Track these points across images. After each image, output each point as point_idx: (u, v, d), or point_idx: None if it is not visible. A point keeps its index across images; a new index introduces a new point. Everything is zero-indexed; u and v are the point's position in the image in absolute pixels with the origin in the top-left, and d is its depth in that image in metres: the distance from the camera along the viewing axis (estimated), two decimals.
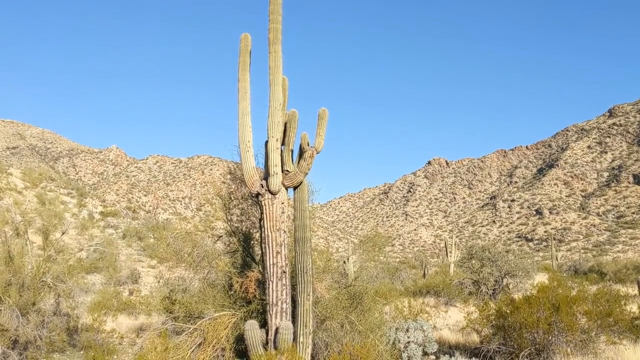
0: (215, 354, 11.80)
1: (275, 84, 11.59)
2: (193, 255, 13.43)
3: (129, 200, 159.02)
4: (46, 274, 13.57)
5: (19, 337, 12.07)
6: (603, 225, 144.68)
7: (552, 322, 12.12)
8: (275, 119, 11.55)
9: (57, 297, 14.23)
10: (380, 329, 12.48)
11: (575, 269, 55.90)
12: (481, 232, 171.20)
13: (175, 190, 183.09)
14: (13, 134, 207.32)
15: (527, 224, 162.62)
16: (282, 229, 11.52)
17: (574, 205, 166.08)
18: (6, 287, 12.35)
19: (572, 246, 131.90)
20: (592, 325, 12.57)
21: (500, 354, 12.65)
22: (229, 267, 13.51)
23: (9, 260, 13.25)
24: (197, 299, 13.32)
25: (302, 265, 11.38)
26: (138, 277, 41.90)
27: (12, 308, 11.99)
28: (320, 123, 11.65)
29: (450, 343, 16.12)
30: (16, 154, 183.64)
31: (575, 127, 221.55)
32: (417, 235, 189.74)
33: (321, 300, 12.46)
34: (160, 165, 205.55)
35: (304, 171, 11.60)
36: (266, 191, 11.53)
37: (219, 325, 12.06)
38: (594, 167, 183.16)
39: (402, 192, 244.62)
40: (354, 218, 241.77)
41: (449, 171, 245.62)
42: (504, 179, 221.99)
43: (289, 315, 11.31)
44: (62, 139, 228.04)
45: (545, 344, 12.10)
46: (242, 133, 11.88)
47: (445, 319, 19.30)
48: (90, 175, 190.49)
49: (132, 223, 64.09)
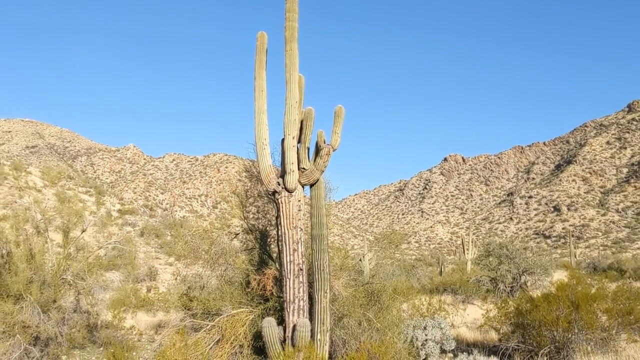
0: (233, 350, 11.86)
1: (291, 82, 11.59)
2: (211, 252, 13.50)
3: (146, 198, 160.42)
4: (66, 271, 13.73)
5: (40, 333, 12.24)
6: (622, 221, 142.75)
7: (572, 320, 11.99)
8: (292, 116, 11.55)
9: (77, 294, 14.39)
10: (398, 326, 12.45)
11: (594, 266, 55.27)
12: (498, 229, 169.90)
13: (192, 188, 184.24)
14: (32, 133, 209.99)
15: (545, 221, 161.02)
16: (298, 226, 11.53)
17: (592, 201, 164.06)
18: (28, 285, 12.52)
19: (590, 243, 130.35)
20: (613, 323, 12.42)
21: (519, 352, 12.55)
22: (246, 264, 13.57)
23: (30, 258, 13.43)
24: (214, 296, 13.39)
25: (319, 263, 11.39)
26: (155, 275, 42.28)
27: (34, 305, 12.15)
28: (336, 120, 11.63)
29: (468, 341, 16.03)
30: (35, 153, 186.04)
31: (593, 123, 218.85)
32: (433, 232, 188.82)
33: (338, 298, 12.47)
34: (177, 163, 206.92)
35: (320, 169, 11.60)
36: (283, 189, 11.55)
37: (237, 322, 12.12)
38: (612, 163, 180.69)
39: (418, 189, 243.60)
40: (369, 215, 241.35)
41: (466, 168, 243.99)
42: (521, 176, 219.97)
43: (306, 312, 11.33)
44: (80, 138, 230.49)
45: (565, 342, 11.98)
46: (259, 131, 11.90)
47: (464, 317, 19.20)
48: (108, 173, 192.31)
49: (150, 221, 64.67)
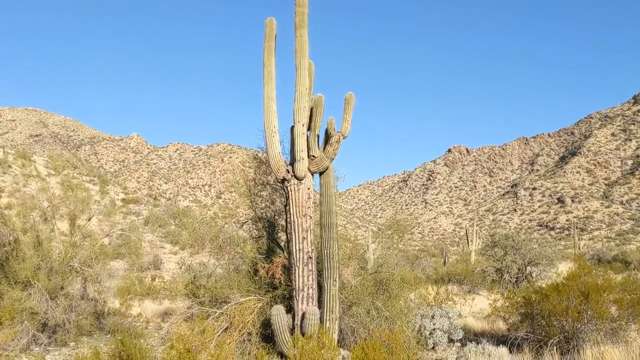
0: (242, 338, 11.84)
1: (301, 69, 11.48)
2: (219, 240, 13.46)
3: (150, 187, 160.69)
4: (73, 258, 13.70)
5: (49, 320, 12.23)
6: (627, 213, 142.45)
7: (582, 310, 11.92)
8: (302, 103, 11.45)
9: (84, 281, 14.39)
10: (406, 315, 12.41)
11: (599, 258, 55.11)
12: (502, 221, 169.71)
13: (195, 178, 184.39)
14: (36, 122, 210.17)
15: (549, 213, 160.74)
16: (308, 214, 11.47)
17: (596, 193, 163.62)
18: (35, 271, 12.50)
19: (594, 235, 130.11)
20: (623, 314, 12.34)
21: (528, 342, 12.48)
22: (254, 252, 13.54)
23: (37, 245, 13.41)
24: (222, 284, 13.37)
25: (329, 251, 11.34)
26: (160, 263, 42.37)
27: (42, 292, 12.14)
28: (346, 107, 11.53)
29: (476, 330, 15.99)
30: (39, 142, 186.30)
31: (598, 114, 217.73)
32: (436, 223, 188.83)
33: (347, 286, 12.43)
34: (181, 153, 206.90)
35: (330, 156, 11.52)
36: (292, 177, 11.47)
37: (245, 310, 12.10)
38: (617, 155, 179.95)
39: (421, 180, 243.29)
40: (372, 206, 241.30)
41: (470, 159, 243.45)
42: (526, 167, 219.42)
43: (315, 300, 11.30)
44: (83, 127, 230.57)
45: (575, 332, 11.91)
46: (268, 118, 11.81)
47: (471, 307, 19.15)
48: (111, 162, 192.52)
49: (154, 210, 64.72)
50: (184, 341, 5.53)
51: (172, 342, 5.55)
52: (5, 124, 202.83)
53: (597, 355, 11.27)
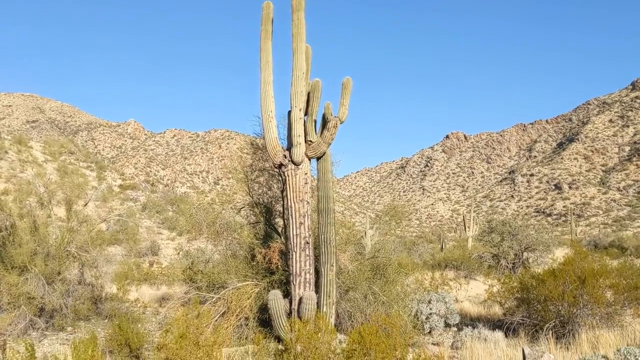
0: (239, 322, 11.88)
1: (298, 52, 11.39)
2: (216, 225, 13.45)
3: (147, 173, 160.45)
4: (70, 243, 13.70)
5: (45, 305, 12.25)
6: (623, 200, 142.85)
7: (578, 294, 11.97)
8: (299, 88, 11.38)
9: (81, 266, 14.39)
10: (403, 300, 12.45)
11: (595, 243, 55.41)
12: (499, 207, 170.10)
13: (193, 164, 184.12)
14: (33, 108, 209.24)
15: (546, 199, 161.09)
16: (305, 199, 11.45)
17: (594, 180, 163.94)
18: (32, 256, 12.50)
19: (591, 221, 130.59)
20: (619, 299, 12.40)
21: (524, 326, 12.56)
22: (251, 238, 13.53)
23: (34, 230, 13.39)
24: (219, 270, 13.38)
25: (326, 236, 11.33)
26: (158, 249, 42.47)
27: (38, 277, 12.15)
28: (344, 92, 11.46)
29: (472, 315, 16.08)
30: (36, 128, 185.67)
31: (597, 101, 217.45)
32: (434, 209, 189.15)
33: (344, 271, 12.45)
34: (178, 139, 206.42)
35: (327, 141, 11.47)
36: (289, 162, 11.43)
37: (243, 295, 12.13)
38: (615, 141, 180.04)
39: (419, 167, 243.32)
40: (370, 193, 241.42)
41: (467, 145, 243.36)
42: (523, 154, 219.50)
43: (312, 285, 11.31)
44: (80, 113, 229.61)
45: (570, 317, 11.97)
46: (265, 103, 11.73)
47: (467, 292, 19.23)
48: (109, 148, 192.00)
49: (151, 196, 64.70)
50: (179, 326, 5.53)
51: (168, 327, 5.56)
52: (1, 109, 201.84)
53: (593, 339, 11.34)
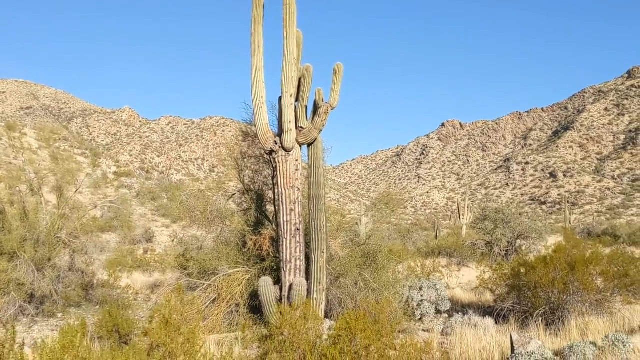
0: (230, 309, 11.89)
1: (289, 37, 11.28)
2: (206, 212, 13.40)
3: (142, 161, 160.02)
4: (61, 230, 13.63)
5: (35, 291, 12.21)
6: (618, 188, 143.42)
7: (568, 281, 12.00)
8: (289, 73, 11.28)
9: (72, 253, 14.34)
10: (394, 287, 12.46)
11: (589, 231, 55.63)
12: (494, 195, 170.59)
13: (188, 152, 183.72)
14: (27, 94, 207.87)
15: (541, 187, 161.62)
16: (296, 186, 11.41)
17: (588, 168, 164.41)
18: (22, 243, 12.43)
19: (585, 209, 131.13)
20: (609, 286, 12.44)
21: (514, 313, 12.59)
22: (243, 225, 13.50)
23: (24, 217, 13.32)
24: (211, 256, 13.36)
25: (316, 223, 11.30)
26: (152, 237, 42.45)
27: (28, 263, 12.09)
28: (335, 78, 11.37)
29: (463, 302, 16.13)
30: (30, 114, 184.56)
31: (592, 89, 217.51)
32: (429, 197, 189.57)
33: (335, 258, 12.44)
34: (173, 126, 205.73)
35: (318, 128, 11.40)
36: (280, 148, 11.36)
37: (233, 282, 12.12)
38: (610, 130, 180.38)
39: (415, 155, 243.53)
40: (366, 180, 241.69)
41: (463, 133, 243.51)
42: (519, 142, 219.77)
43: (302, 272, 11.31)
44: (75, 100, 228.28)
45: (560, 303, 12.01)
46: (255, 89, 11.63)
47: (459, 278, 19.29)
48: (103, 135, 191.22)
49: (146, 183, 64.61)
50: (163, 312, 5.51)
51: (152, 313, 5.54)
52: None
53: (582, 325, 11.39)
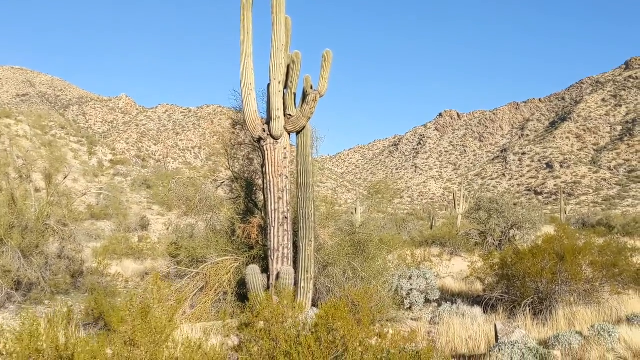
0: (217, 297, 11.85)
1: (277, 24, 11.16)
2: (195, 200, 13.33)
3: (139, 149, 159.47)
4: (49, 217, 13.56)
5: (21, 278, 12.16)
6: (614, 179, 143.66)
7: (557, 271, 11.99)
8: (278, 60, 11.17)
9: (61, 240, 14.27)
10: (382, 275, 12.44)
11: (584, 222, 55.76)
12: (490, 185, 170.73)
13: (185, 140, 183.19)
14: (23, 81, 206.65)
15: (537, 178, 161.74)
16: (284, 174, 11.34)
17: (585, 159, 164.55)
18: (8, 230, 12.36)
19: (581, 200, 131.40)
20: (597, 276, 12.43)
21: (503, 302, 12.60)
22: (232, 212, 13.44)
23: (11, 203, 13.24)
24: (200, 244, 13.32)
25: (305, 211, 11.25)
26: (148, 225, 42.42)
27: (14, 250, 12.03)
28: (324, 65, 11.26)
29: (454, 291, 16.14)
30: (26, 102, 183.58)
31: (590, 80, 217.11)
32: (426, 187, 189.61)
33: (324, 247, 12.41)
34: (170, 114, 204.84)
35: (306, 115, 11.31)
36: (268, 136, 11.28)
37: (221, 270, 12.08)
38: (607, 121, 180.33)
39: (412, 145, 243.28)
40: (363, 170, 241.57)
41: (460, 123, 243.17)
42: (516, 132, 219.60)
43: (290, 260, 11.27)
44: (71, 87, 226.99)
45: (549, 293, 12.01)
46: (244, 75, 11.53)
47: (449, 267, 19.30)
48: (100, 123, 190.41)
49: (142, 172, 64.44)
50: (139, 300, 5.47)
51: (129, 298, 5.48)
52: None
53: (569, 315, 11.39)
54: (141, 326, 4.32)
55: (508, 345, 7.49)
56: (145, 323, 4.38)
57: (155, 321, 4.43)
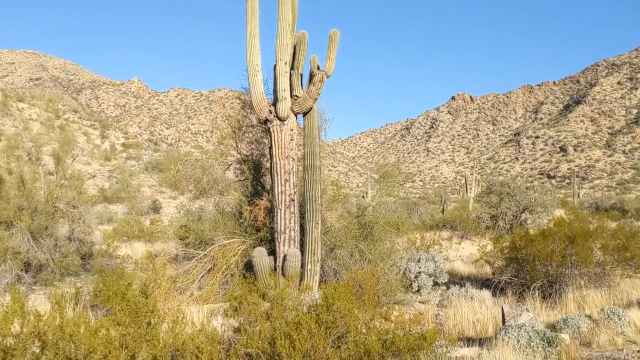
0: (225, 279, 11.87)
1: (283, 3, 11.01)
2: (203, 182, 13.31)
3: (151, 133, 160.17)
4: (58, 199, 13.61)
5: (31, 259, 12.25)
6: (628, 162, 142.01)
7: (567, 254, 11.86)
8: (284, 40, 11.04)
9: (71, 222, 14.35)
10: (390, 258, 12.37)
11: (597, 206, 55.15)
12: (503, 169, 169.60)
13: (197, 124, 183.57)
14: (36, 65, 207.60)
15: (551, 161, 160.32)
16: (290, 156, 11.26)
17: (599, 142, 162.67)
18: (18, 211, 12.43)
19: (595, 184, 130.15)
20: (608, 259, 12.29)
21: (512, 285, 12.50)
22: (239, 195, 13.41)
23: (21, 185, 13.30)
24: (208, 227, 13.32)
25: (311, 194, 11.18)
26: (160, 208, 42.70)
27: (24, 232, 12.10)
28: (331, 45, 11.10)
29: (462, 275, 16.06)
30: (39, 85, 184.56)
31: (605, 62, 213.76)
32: (438, 171, 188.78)
33: (331, 229, 12.35)
34: (182, 98, 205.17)
35: (313, 96, 11.19)
36: (274, 117, 11.19)
37: (229, 252, 12.07)
38: (622, 104, 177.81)
39: (424, 128, 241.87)
40: (375, 154, 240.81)
41: (473, 107, 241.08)
42: (529, 115, 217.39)
43: (297, 243, 11.23)
44: (84, 71, 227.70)
45: (558, 276, 11.89)
46: (250, 56, 11.42)
47: (459, 251, 19.19)
48: (112, 107, 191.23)
49: (154, 155, 64.67)
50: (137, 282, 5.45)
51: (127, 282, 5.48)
52: (4, 67, 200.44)
53: (579, 298, 11.29)
54: (120, 305, 4.30)
55: (515, 328, 7.41)
56: (124, 302, 4.36)
57: (135, 300, 4.40)
